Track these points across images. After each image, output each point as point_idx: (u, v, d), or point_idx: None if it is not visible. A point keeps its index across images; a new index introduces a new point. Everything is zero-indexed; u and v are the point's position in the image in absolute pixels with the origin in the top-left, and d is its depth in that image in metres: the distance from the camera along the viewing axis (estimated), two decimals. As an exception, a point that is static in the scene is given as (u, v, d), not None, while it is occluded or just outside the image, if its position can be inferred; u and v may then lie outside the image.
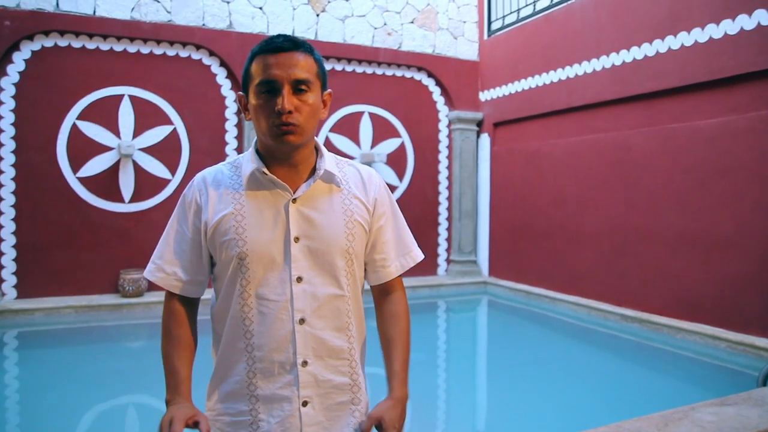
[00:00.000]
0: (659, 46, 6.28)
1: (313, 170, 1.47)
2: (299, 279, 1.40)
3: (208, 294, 1.56)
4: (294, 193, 1.43)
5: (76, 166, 7.20)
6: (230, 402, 1.43)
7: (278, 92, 1.36)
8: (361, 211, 1.49)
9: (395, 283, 1.60)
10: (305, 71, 1.38)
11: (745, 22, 5.42)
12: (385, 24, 8.86)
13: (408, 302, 1.63)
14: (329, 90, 1.50)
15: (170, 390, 1.41)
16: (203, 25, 7.70)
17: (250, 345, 1.41)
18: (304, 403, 1.41)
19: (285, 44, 1.38)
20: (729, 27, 5.56)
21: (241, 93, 1.47)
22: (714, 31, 5.70)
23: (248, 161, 1.46)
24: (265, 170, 1.41)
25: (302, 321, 1.40)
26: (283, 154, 1.43)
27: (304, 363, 1.40)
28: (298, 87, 1.37)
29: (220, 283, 1.47)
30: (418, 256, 1.62)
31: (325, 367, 1.43)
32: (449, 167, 9.49)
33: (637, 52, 6.56)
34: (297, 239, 1.41)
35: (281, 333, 1.40)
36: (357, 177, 1.54)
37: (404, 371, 1.51)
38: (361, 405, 1.50)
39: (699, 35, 5.84)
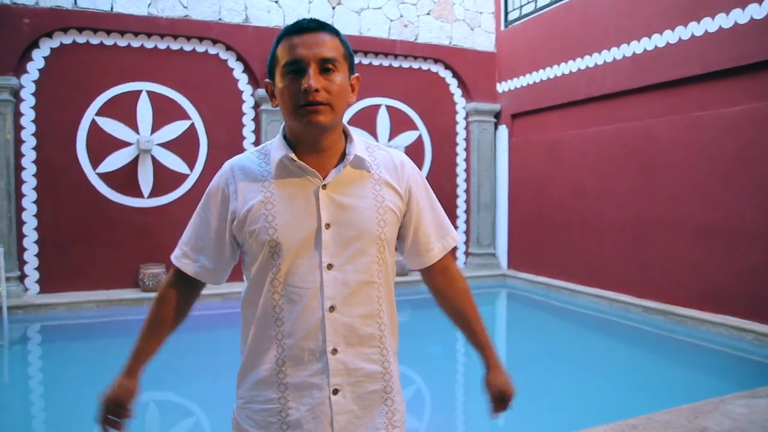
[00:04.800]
0: (682, 32, 6.17)
1: (343, 155, 1.45)
2: (330, 266, 1.38)
3: (239, 287, 1.56)
4: (323, 179, 1.40)
5: (95, 162, 7.26)
6: (259, 390, 1.42)
7: (304, 72, 1.33)
8: (392, 197, 1.46)
9: (445, 261, 1.62)
10: (332, 50, 1.36)
11: (772, 6, 5.30)
12: (401, 16, 8.81)
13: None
14: (357, 74, 1.47)
15: (128, 356, 1.56)
16: (219, 19, 7.71)
17: (280, 333, 1.39)
18: (335, 391, 1.39)
19: (310, 24, 1.37)
20: (756, 11, 5.43)
21: (267, 80, 1.45)
22: (740, 16, 5.58)
23: (276, 148, 1.44)
24: (294, 157, 1.39)
25: (332, 308, 1.38)
26: (311, 138, 1.40)
27: (334, 351, 1.38)
28: (325, 66, 1.34)
29: (250, 272, 1.46)
30: (456, 237, 1.64)
31: (356, 355, 1.41)
32: (467, 159, 9.43)
33: (658, 40, 6.45)
34: (328, 226, 1.38)
35: (311, 320, 1.38)
36: (389, 162, 1.50)
37: (489, 341, 1.66)
38: (393, 393, 1.47)
39: (723, 21, 5.73)
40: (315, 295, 1.38)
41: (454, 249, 8.62)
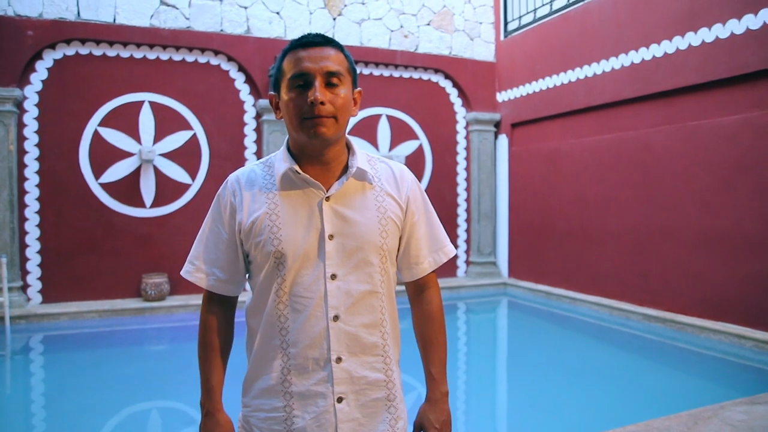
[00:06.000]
0: (679, 42, 6.22)
1: (346, 168, 1.48)
2: (333, 276, 1.41)
3: (243, 296, 1.57)
4: (327, 191, 1.43)
5: (98, 172, 7.30)
6: (265, 398, 1.44)
7: (310, 85, 1.37)
8: (393, 208, 1.49)
9: (428, 279, 1.60)
10: (337, 64, 1.39)
11: (768, 16, 5.36)
12: (401, 26, 8.88)
13: (441, 298, 1.64)
14: (359, 88, 1.51)
15: (204, 394, 1.50)
16: (221, 30, 7.77)
17: (285, 342, 1.42)
18: (339, 400, 1.41)
19: (316, 39, 1.41)
20: (751, 22, 5.49)
21: (272, 93, 1.48)
22: (735, 26, 5.63)
23: (281, 160, 1.47)
24: (298, 169, 1.42)
25: (336, 318, 1.41)
26: (315, 150, 1.43)
27: (338, 359, 1.41)
28: (330, 80, 1.38)
29: (255, 281, 1.48)
30: (451, 251, 1.62)
31: (359, 363, 1.43)
32: (467, 168, 9.47)
33: (656, 50, 6.50)
34: (331, 237, 1.41)
35: (315, 330, 1.40)
36: (389, 174, 1.54)
37: (440, 372, 1.57)
38: (396, 401, 1.50)
39: (720, 31, 5.78)
40: (319, 305, 1.40)
41: (453, 262, 8.54)
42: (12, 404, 4.49)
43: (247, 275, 1.55)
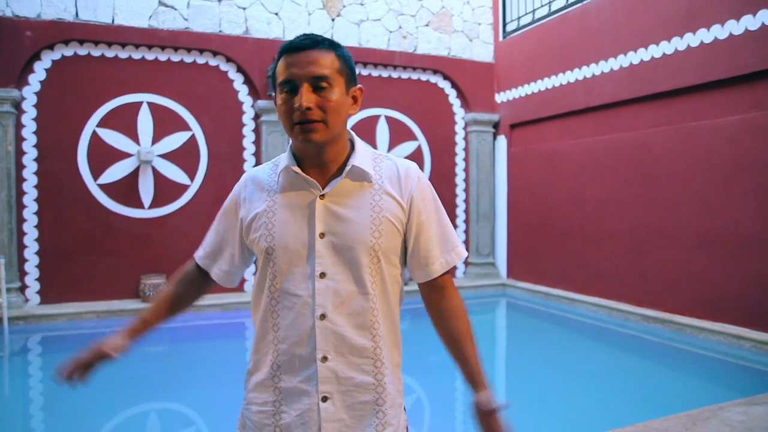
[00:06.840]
0: (678, 43, 6.23)
1: (344, 166, 1.48)
2: (323, 275, 1.41)
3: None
4: (323, 189, 1.44)
5: (96, 173, 7.29)
6: (258, 392, 1.48)
7: (297, 90, 1.37)
8: (392, 208, 1.46)
9: (444, 281, 1.57)
10: (324, 68, 1.38)
11: (766, 17, 5.35)
12: (400, 27, 8.88)
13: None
14: (359, 85, 1.49)
15: (128, 324, 1.62)
16: (220, 31, 7.77)
17: (276, 338, 1.44)
18: (324, 399, 1.41)
19: (304, 43, 1.40)
20: (750, 23, 5.49)
21: (271, 94, 1.50)
22: (734, 27, 5.64)
23: (284, 160, 1.50)
24: (297, 169, 1.44)
25: (323, 316, 1.41)
26: (310, 153, 1.45)
27: (324, 358, 1.41)
28: (318, 83, 1.37)
29: (255, 278, 1.53)
30: (463, 252, 1.59)
31: (346, 364, 1.43)
32: (466, 169, 9.47)
33: (655, 51, 6.51)
34: (322, 235, 1.42)
35: (303, 327, 1.42)
36: (393, 172, 1.51)
37: (481, 364, 1.56)
38: (385, 406, 1.46)
39: (718, 32, 5.79)
40: (307, 303, 1.41)
41: (454, 268, 8.58)
42: (10, 405, 4.49)
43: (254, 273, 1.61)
